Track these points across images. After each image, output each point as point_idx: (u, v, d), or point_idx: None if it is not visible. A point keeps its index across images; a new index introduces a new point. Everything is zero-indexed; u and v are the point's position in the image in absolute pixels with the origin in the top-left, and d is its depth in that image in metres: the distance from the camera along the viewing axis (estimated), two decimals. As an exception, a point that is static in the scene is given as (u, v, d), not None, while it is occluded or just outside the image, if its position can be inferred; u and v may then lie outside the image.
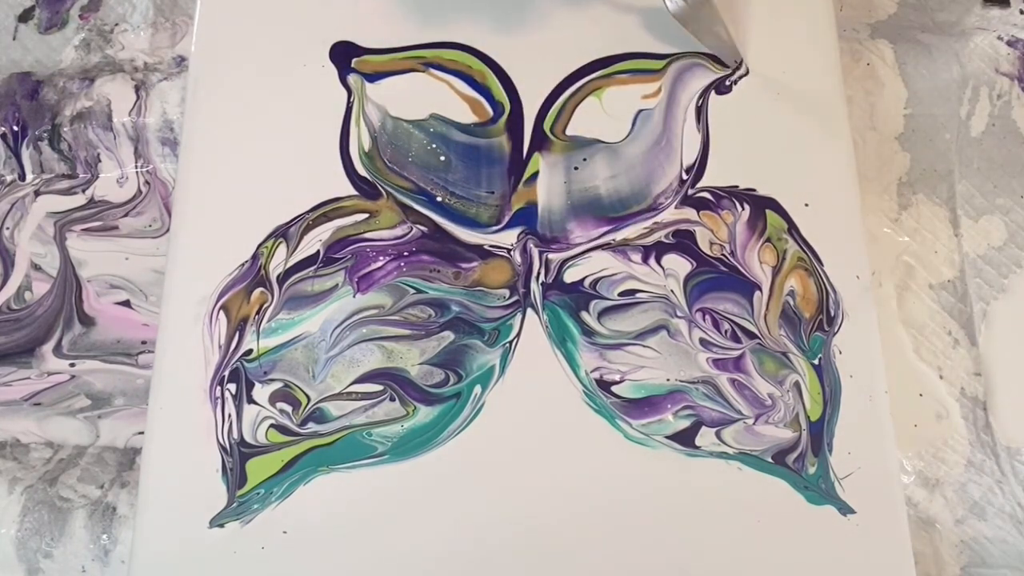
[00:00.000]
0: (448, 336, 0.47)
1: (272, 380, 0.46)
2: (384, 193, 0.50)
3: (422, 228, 0.49)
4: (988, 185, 0.59)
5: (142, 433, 0.50)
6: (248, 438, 0.45)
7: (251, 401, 0.46)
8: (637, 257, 0.49)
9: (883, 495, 0.45)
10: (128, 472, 0.52)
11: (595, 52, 0.52)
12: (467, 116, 0.51)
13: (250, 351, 0.47)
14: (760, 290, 0.48)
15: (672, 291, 0.48)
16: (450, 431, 0.45)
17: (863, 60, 0.59)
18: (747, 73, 0.52)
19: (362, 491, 0.45)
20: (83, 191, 0.60)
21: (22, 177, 0.60)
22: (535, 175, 0.50)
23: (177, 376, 0.46)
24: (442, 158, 0.50)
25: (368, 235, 0.49)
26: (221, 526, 0.44)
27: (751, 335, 0.48)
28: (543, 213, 0.49)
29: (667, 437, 0.46)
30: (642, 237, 0.49)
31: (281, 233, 0.49)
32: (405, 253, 0.49)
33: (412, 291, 0.48)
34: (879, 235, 0.57)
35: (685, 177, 0.50)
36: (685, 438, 0.46)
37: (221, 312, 0.47)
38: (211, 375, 0.46)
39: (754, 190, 0.50)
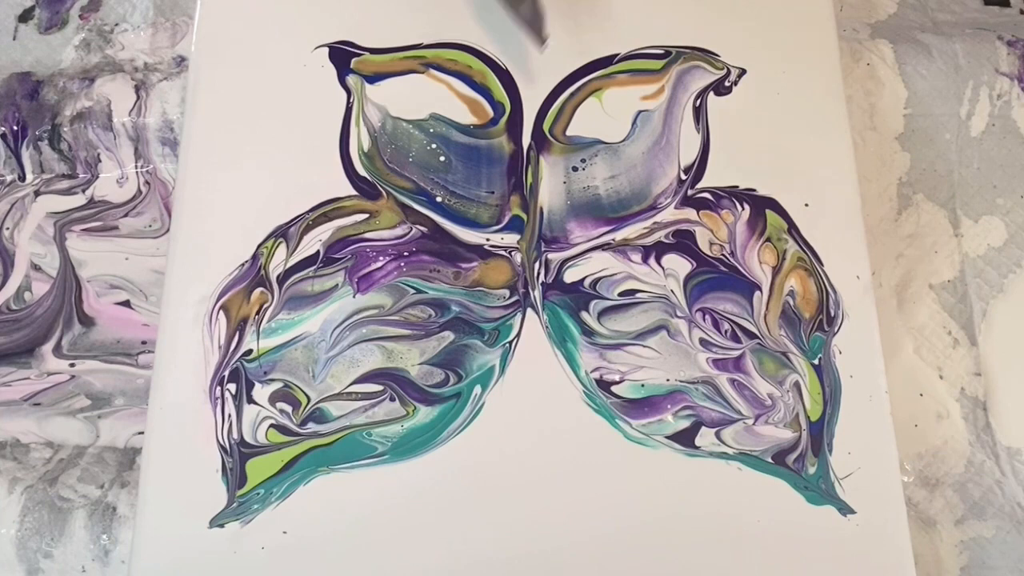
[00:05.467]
0: (448, 336, 0.47)
1: (272, 380, 0.46)
2: (384, 193, 0.50)
3: (422, 228, 0.49)
4: (988, 185, 0.59)
5: (142, 433, 0.50)
6: (248, 438, 0.45)
7: (251, 401, 0.46)
8: (637, 257, 0.49)
9: (883, 495, 0.45)
10: (128, 472, 0.52)
11: (595, 52, 0.52)
12: (467, 117, 0.51)
13: (250, 351, 0.47)
14: (760, 290, 0.48)
15: (672, 291, 0.48)
16: (450, 431, 0.45)
17: (863, 60, 0.59)
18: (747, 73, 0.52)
19: (362, 491, 0.45)
20: (83, 191, 0.59)
21: (22, 177, 0.60)
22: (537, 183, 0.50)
23: (177, 376, 0.46)
24: (442, 158, 0.50)
25: (368, 235, 0.49)
26: (221, 526, 0.44)
27: (751, 335, 0.48)
28: (543, 213, 0.49)
29: (667, 437, 0.46)
30: (642, 237, 0.49)
31: (281, 233, 0.49)
32: (405, 253, 0.49)
33: (412, 291, 0.48)
34: (879, 235, 0.57)
35: (684, 177, 0.50)
36: (685, 438, 0.46)
37: (221, 312, 0.47)
38: (211, 375, 0.46)
39: (754, 190, 0.50)
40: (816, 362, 0.47)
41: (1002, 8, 0.66)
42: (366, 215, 0.49)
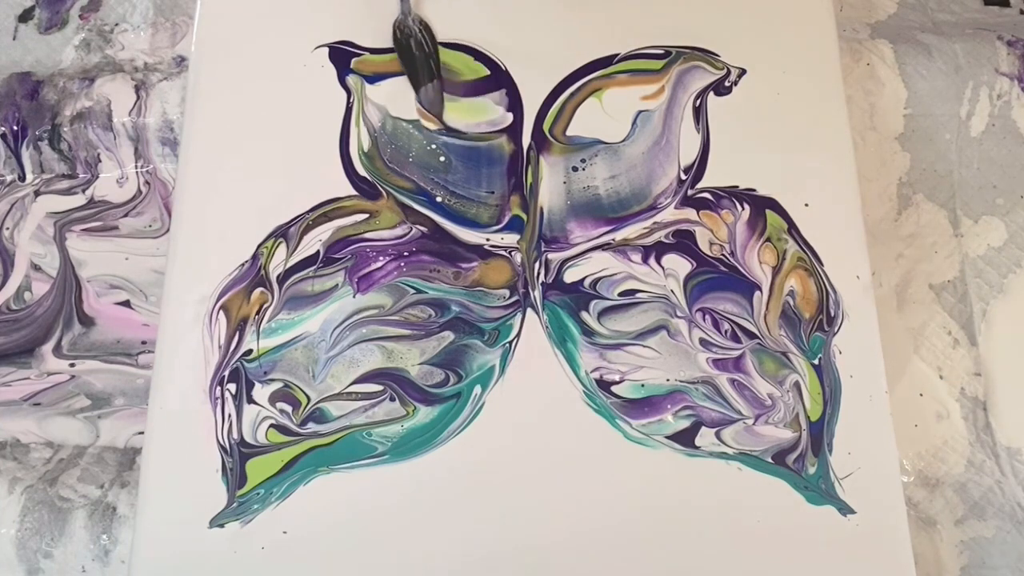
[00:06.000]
0: (448, 336, 0.47)
1: (272, 380, 0.46)
2: (384, 193, 0.50)
3: (422, 228, 0.49)
4: (988, 185, 0.59)
5: (142, 433, 0.50)
6: (248, 438, 0.45)
7: (251, 401, 0.46)
8: (637, 257, 0.49)
9: (883, 495, 0.45)
10: (128, 472, 0.52)
11: (595, 52, 0.52)
12: (467, 116, 0.51)
13: (250, 351, 0.47)
14: (760, 290, 0.48)
15: (672, 291, 0.48)
16: (450, 431, 0.45)
17: (863, 60, 0.59)
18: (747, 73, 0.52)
19: (362, 491, 0.45)
20: (83, 191, 0.60)
21: (22, 177, 0.60)
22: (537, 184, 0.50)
23: (177, 376, 0.46)
24: (442, 158, 0.50)
25: (368, 235, 0.49)
26: (221, 526, 0.44)
27: (751, 335, 0.48)
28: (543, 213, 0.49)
29: (667, 437, 0.46)
30: (642, 237, 0.49)
31: (281, 233, 0.49)
32: (405, 253, 0.49)
33: (412, 291, 0.48)
34: (879, 235, 0.57)
35: (684, 177, 0.50)
36: (685, 438, 0.46)
37: (221, 312, 0.47)
38: (211, 375, 0.46)
39: (754, 190, 0.50)
40: (816, 362, 0.47)
41: (1002, 8, 0.66)
42: (366, 215, 0.49)
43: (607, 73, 0.52)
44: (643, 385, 0.47)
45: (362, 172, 0.50)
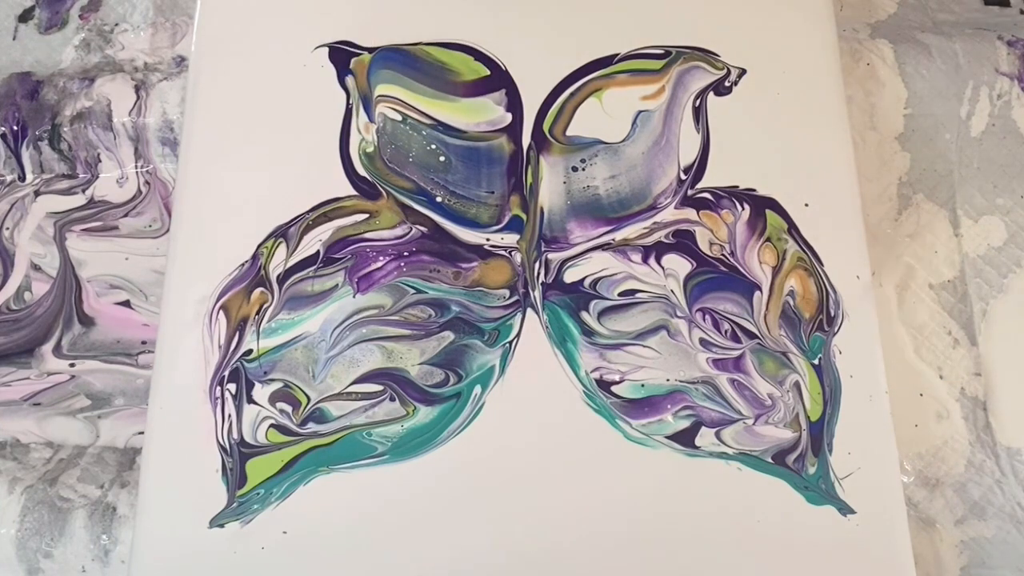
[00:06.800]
0: (448, 336, 0.47)
1: (272, 380, 0.46)
2: (384, 193, 0.50)
3: (422, 228, 0.49)
4: (988, 185, 0.59)
5: (142, 433, 0.50)
6: (248, 438, 0.45)
7: (251, 401, 0.46)
8: (637, 257, 0.49)
9: (883, 495, 0.45)
10: (128, 472, 0.52)
11: (595, 52, 0.52)
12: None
13: (250, 351, 0.47)
14: (760, 290, 0.48)
15: (672, 291, 0.48)
16: (450, 431, 0.45)
17: (863, 60, 0.59)
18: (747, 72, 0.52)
19: (362, 491, 0.45)
20: (83, 191, 0.60)
21: (22, 177, 0.60)
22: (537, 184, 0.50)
23: (177, 376, 0.46)
24: (442, 158, 0.50)
25: (368, 235, 0.49)
26: (221, 526, 0.44)
27: (751, 335, 0.48)
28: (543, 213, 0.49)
29: (667, 437, 0.46)
30: (642, 237, 0.49)
31: (281, 233, 0.49)
32: (405, 253, 0.49)
33: (412, 291, 0.48)
34: (879, 235, 0.57)
35: (684, 177, 0.50)
36: (685, 438, 0.46)
37: (221, 312, 0.47)
38: (211, 375, 0.46)
39: (754, 190, 0.50)
40: (816, 362, 0.47)
41: (1002, 8, 0.66)
42: (366, 215, 0.49)
43: (607, 73, 0.52)
44: (643, 385, 0.47)
45: (362, 172, 0.50)
